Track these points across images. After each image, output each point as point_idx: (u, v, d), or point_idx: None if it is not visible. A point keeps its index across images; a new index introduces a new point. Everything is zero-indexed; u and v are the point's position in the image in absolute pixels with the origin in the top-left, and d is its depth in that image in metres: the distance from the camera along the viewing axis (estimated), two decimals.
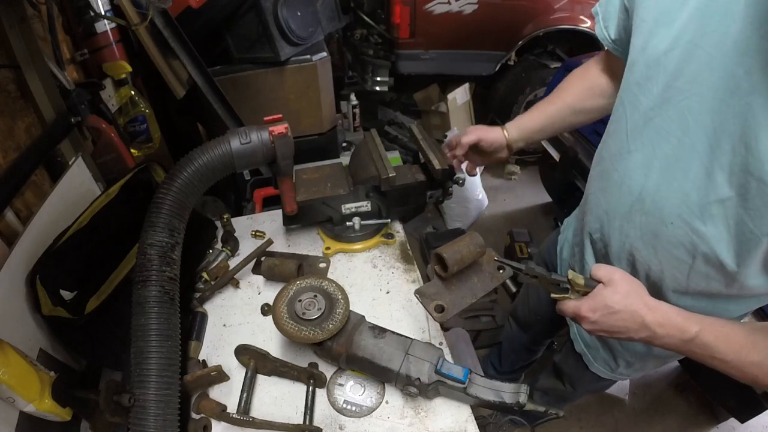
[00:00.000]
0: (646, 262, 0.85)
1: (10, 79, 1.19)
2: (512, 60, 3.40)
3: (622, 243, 0.88)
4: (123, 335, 0.84)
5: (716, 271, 0.75)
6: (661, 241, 0.79)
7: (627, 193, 0.83)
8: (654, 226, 0.79)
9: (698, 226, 0.73)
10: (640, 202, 0.80)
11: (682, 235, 0.75)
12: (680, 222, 0.75)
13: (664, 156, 0.74)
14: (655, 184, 0.77)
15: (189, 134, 2.26)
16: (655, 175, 0.76)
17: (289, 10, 1.81)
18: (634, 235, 0.84)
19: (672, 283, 0.83)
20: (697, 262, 0.77)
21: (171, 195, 0.87)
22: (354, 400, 0.87)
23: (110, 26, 1.70)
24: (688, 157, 0.70)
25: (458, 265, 0.91)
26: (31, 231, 0.96)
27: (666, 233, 0.78)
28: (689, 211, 0.73)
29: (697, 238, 0.74)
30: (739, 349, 0.68)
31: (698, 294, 0.82)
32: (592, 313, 0.74)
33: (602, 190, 0.92)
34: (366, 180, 1.16)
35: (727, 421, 1.96)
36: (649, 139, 0.77)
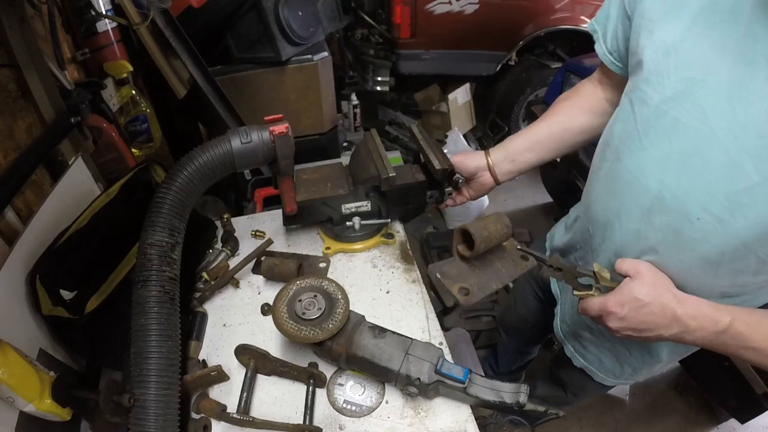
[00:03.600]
0: (666, 266, 0.76)
1: (10, 79, 1.19)
2: (513, 60, 3.41)
3: (641, 248, 0.79)
4: (123, 335, 0.84)
5: (746, 263, 0.69)
6: (686, 240, 0.72)
7: (643, 192, 0.76)
8: (677, 224, 0.72)
9: (727, 217, 0.66)
10: (660, 200, 0.73)
11: (710, 231, 0.68)
12: (707, 216, 0.68)
13: (681, 149, 0.69)
14: (675, 179, 0.70)
15: (190, 134, 2.26)
16: (674, 169, 0.70)
17: (290, 9, 1.81)
18: (655, 237, 0.76)
19: (695, 283, 0.76)
20: (725, 258, 0.69)
21: (171, 194, 0.87)
22: (354, 400, 0.87)
23: (111, 26, 1.70)
24: (708, 147, 0.66)
25: (485, 243, 0.82)
26: (31, 230, 0.96)
27: (691, 230, 0.70)
28: (716, 203, 0.66)
29: (724, 231, 0.67)
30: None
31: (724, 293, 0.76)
32: (620, 307, 0.71)
33: (610, 193, 0.84)
34: (366, 180, 1.16)
35: (728, 421, 1.96)
36: (664, 133, 0.71)
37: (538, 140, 1.05)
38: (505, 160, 1.06)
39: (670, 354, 0.97)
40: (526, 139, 1.06)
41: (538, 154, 1.06)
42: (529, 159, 1.07)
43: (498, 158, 1.07)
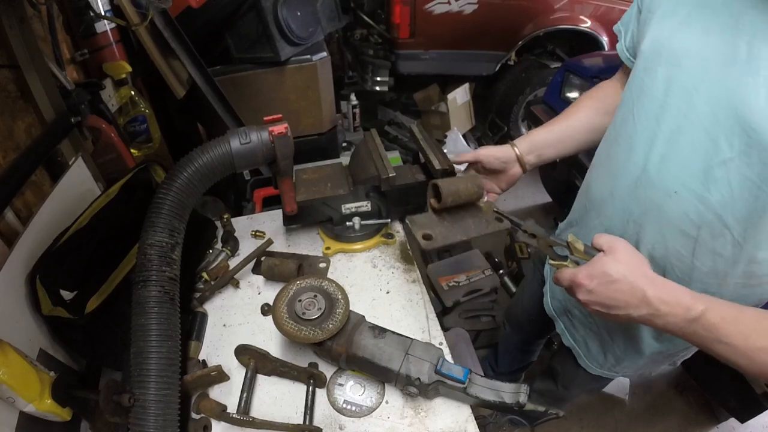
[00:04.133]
0: (651, 242, 0.82)
1: (10, 79, 1.19)
2: (512, 60, 3.41)
3: (626, 222, 0.85)
4: (123, 335, 0.84)
5: (722, 242, 0.72)
6: (666, 214, 0.77)
7: (632, 169, 0.81)
8: (658, 199, 0.77)
9: (702, 191, 0.71)
10: (645, 175, 0.79)
11: (686, 204, 0.73)
12: (684, 190, 0.73)
13: (668, 129, 0.74)
14: (659, 156, 0.76)
15: (189, 134, 2.27)
16: (659, 147, 0.76)
17: (289, 10, 1.81)
18: (639, 211, 0.82)
19: (677, 263, 0.80)
20: (702, 234, 0.74)
21: (171, 195, 0.87)
22: (354, 400, 0.87)
23: (110, 26, 1.70)
24: (690, 127, 0.71)
25: (453, 197, 0.90)
26: (31, 231, 0.96)
27: (670, 205, 0.76)
28: (693, 177, 0.71)
29: (701, 205, 0.72)
30: (749, 333, 0.63)
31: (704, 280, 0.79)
32: (588, 280, 0.71)
33: (607, 173, 0.91)
34: (366, 180, 1.16)
35: (727, 421, 1.96)
36: (653, 115, 0.77)
37: (560, 138, 1.06)
38: (530, 153, 1.07)
39: (652, 348, 0.96)
40: (550, 135, 1.07)
41: (558, 150, 1.08)
42: (550, 155, 1.09)
43: (524, 150, 1.06)
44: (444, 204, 0.90)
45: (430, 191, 0.92)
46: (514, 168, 1.08)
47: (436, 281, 2.10)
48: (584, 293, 0.73)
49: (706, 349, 0.68)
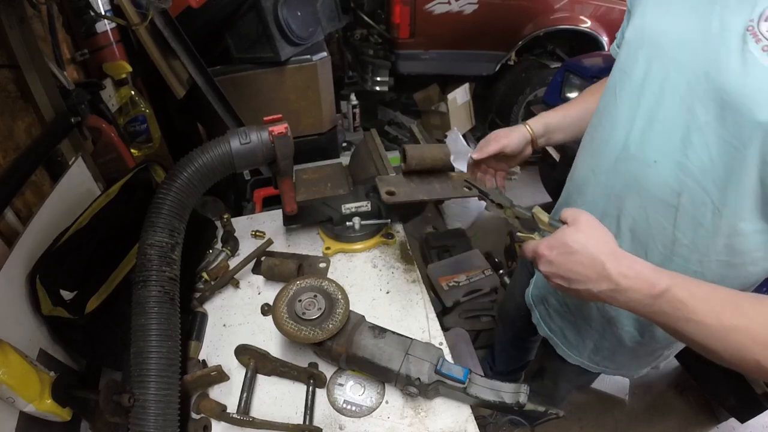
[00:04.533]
0: (632, 215, 0.83)
1: (10, 79, 1.19)
2: (512, 60, 3.41)
3: (608, 198, 0.87)
4: (123, 335, 0.84)
5: (703, 210, 0.72)
6: (646, 184, 0.78)
7: (613, 146, 0.83)
8: (638, 170, 0.79)
9: (681, 158, 0.72)
10: (626, 149, 0.81)
11: (666, 172, 0.75)
12: (664, 159, 0.75)
13: (648, 106, 0.76)
14: (639, 131, 0.78)
15: (189, 134, 2.27)
16: (639, 123, 0.78)
17: (289, 10, 1.81)
18: (620, 185, 0.84)
19: (659, 236, 0.80)
20: (682, 202, 0.74)
21: (171, 195, 0.87)
22: (354, 400, 0.87)
23: (110, 26, 1.70)
24: (669, 101, 0.73)
25: (417, 161, 0.98)
26: (31, 231, 0.96)
27: (650, 175, 0.77)
28: (671, 145, 0.73)
29: (681, 172, 0.73)
30: (721, 311, 0.58)
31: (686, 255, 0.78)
32: (549, 250, 0.70)
33: (590, 154, 0.93)
34: (366, 180, 1.16)
35: (727, 421, 1.96)
36: (633, 94, 0.79)
37: (571, 123, 1.07)
38: (543, 135, 1.07)
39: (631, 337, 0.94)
40: (563, 119, 1.08)
41: (566, 135, 1.09)
42: (558, 138, 1.10)
43: (539, 132, 1.06)
44: (409, 166, 0.97)
45: (402, 155, 0.99)
46: (527, 149, 1.08)
47: (436, 281, 2.10)
48: (545, 264, 0.71)
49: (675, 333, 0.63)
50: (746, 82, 0.62)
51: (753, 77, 0.61)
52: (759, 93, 0.61)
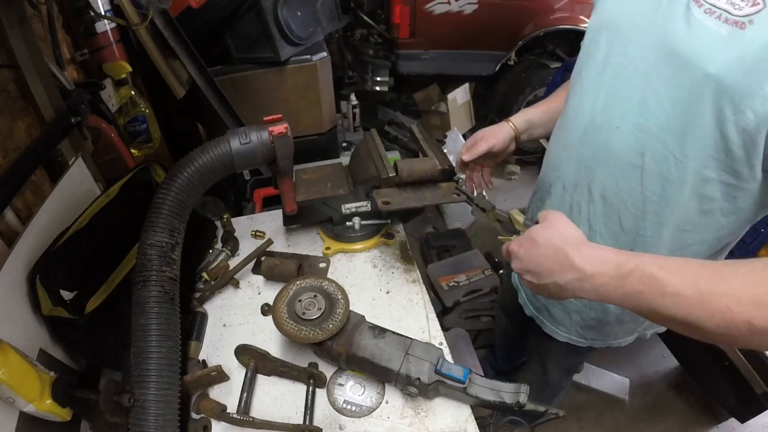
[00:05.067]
0: (602, 182, 0.88)
1: (10, 79, 1.19)
2: (512, 60, 3.40)
3: (579, 169, 0.92)
4: (123, 335, 0.84)
5: (666, 166, 0.77)
6: (612, 149, 0.83)
7: (580, 120, 0.89)
8: (604, 137, 0.84)
9: (640, 121, 0.78)
10: (593, 123, 0.86)
11: (629, 136, 0.80)
12: (624, 123, 0.80)
13: (609, 81, 0.82)
14: (602, 102, 0.84)
15: (189, 134, 2.26)
16: (602, 98, 0.84)
17: (289, 10, 1.81)
18: (588, 155, 0.89)
19: (629, 198, 0.84)
20: (646, 161, 0.79)
21: (171, 195, 0.87)
22: (354, 400, 0.87)
23: (110, 26, 1.70)
24: (627, 73, 0.79)
25: (408, 173, 1.07)
26: (31, 231, 0.96)
27: (615, 140, 0.82)
28: (630, 110, 0.79)
29: (641, 134, 0.78)
30: (696, 278, 0.55)
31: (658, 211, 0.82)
32: (518, 247, 0.72)
33: (561, 130, 0.99)
34: (366, 180, 1.16)
35: (727, 421, 1.96)
36: (597, 73, 0.85)
37: (551, 117, 1.11)
38: (526, 131, 1.14)
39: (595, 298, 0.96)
40: (544, 114, 1.14)
41: (546, 129, 1.14)
42: (539, 134, 1.16)
43: (521, 129, 1.14)
44: (401, 179, 1.07)
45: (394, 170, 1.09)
46: (512, 145, 1.15)
47: (436, 281, 2.10)
48: (515, 260, 0.73)
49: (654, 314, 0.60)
50: (692, 42, 0.68)
51: (697, 37, 0.67)
52: (705, 49, 0.66)
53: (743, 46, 0.62)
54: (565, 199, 0.97)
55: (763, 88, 0.61)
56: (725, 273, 0.55)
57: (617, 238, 0.90)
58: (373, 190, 1.09)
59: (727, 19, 0.64)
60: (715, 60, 0.65)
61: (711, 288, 0.54)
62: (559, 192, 1.00)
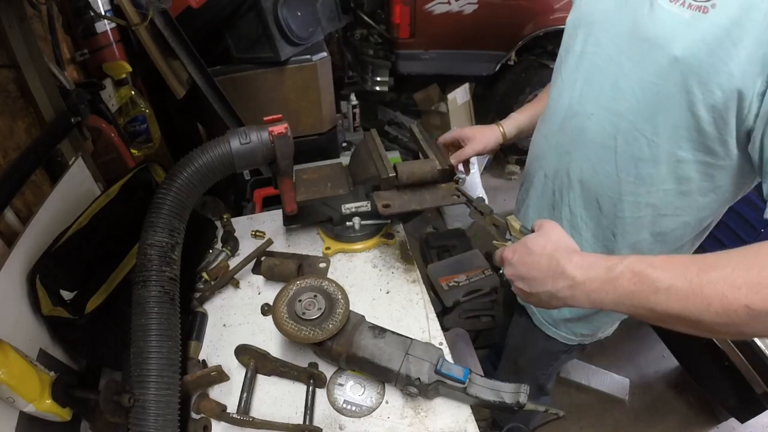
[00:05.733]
0: (579, 166, 0.92)
1: (10, 79, 1.19)
2: (512, 60, 3.40)
3: (558, 156, 0.96)
4: (123, 335, 0.84)
5: (638, 146, 0.80)
6: (587, 133, 0.87)
7: (559, 109, 0.93)
8: (581, 123, 0.88)
9: (612, 104, 0.82)
10: (570, 110, 0.90)
11: (602, 120, 0.84)
12: (599, 108, 0.84)
13: (585, 72, 0.87)
14: (578, 91, 0.88)
15: (189, 134, 2.26)
16: (579, 84, 0.88)
17: (289, 10, 1.81)
18: (567, 141, 0.93)
19: (605, 180, 0.88)
20: (619, 143, 0.83)
21: (171, 195, 0.87)
22: (354, 400, 0.87)
23: (110, 26, 1.70)
24: (600, 61, 0.83)
25: (407, 176, 1.08)
26: (31, 231, 0.96)
27: (590, 125, 0.86)
28: (604, 95, 0.83)
29: (614, 116, 0.82)
30: (685, 270, 0.55)
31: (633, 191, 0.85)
32: (511, 253, 0.73)
33: (542, 121, 1.05)
34: (366, 180, 1.16)
35: (727, 421, 1.96)
36: (574, 65, 0.90)
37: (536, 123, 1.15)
38: (515, 136, 1.20)
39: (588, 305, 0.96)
40: (533, 118, 1.17)
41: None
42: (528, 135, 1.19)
43: (511, 134, 1.20)
44: (401, 181, 1.08)
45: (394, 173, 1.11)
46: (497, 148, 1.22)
47: (436, 281, 2.10)
48: (508, 267, 0.74)
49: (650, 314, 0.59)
50: (657, 26, 0.72)
51: (661, 22, 0.71)
52: (669, 33, 0.70)
53: (706, 28, 0.66)
54: (548, 186, 1.02)
55: (728, 65, 0.64)
56: (716, 261, 0.54)
57: (598, 221, 0.94)
58: (373, 191, 1.09)
59: (690, 4, 0.67)
60: (679, 42, 0.68)
61: (703, 278, 0.53)
62: (541, 180, 1.04)
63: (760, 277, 0.49)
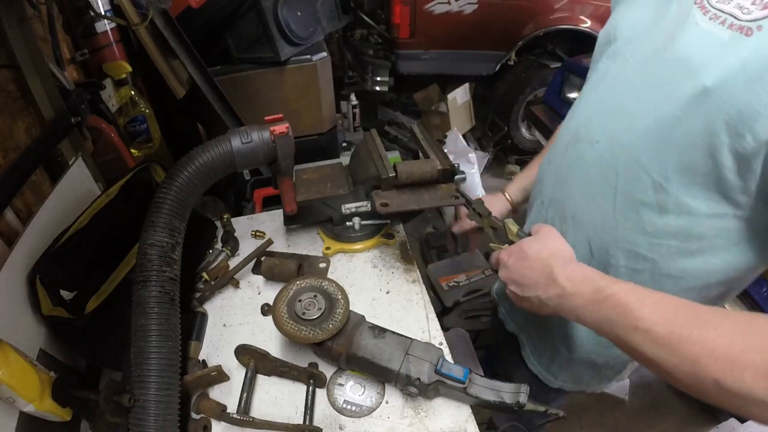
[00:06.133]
0: (575, 198, 0.80)
1: (10, 79, 1.19)
2: (512, 60, 3.41)
3: (555, 183, 0.87)
4: (123, 335, 0.84)
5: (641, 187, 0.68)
6: (587, 163, 0.76)
7: (567, 131, 0.84)
8: (582, 151, 0.78)
9: (615, 132, 0.71)
10: (576, 134, 0.80)
11: (603, 149, 0.73)
12: (604, 138, 0.73)
13: (602, 93, 0.77)
14: (589, 114, 0.79)
15: (189, 134, 2.27)
16: (592, 107, 0.79)
17: (289, 10, 1.81)
18: (566, 167, 0.82)
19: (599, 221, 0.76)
20: (620, 182, 0.71)
21: (171, 194, 0.87)
22: (354, 400, 0.87)
23: (110, 26, 1.70)
24: (619, 84, 0.73)
25: (407, 175, 1.07)
26: (31, 231, 0.96)
27: (592, 154, 0.75)
28: (612, 122, 0.72)
29: (616, 147, 0.71)
30: (672, 318, 0.51)
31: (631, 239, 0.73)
32: (507, 256, 0.73)
33: (552, 144, 0.94)
34: (366, 180, 1.16)
35: (727, 421, 1.96)
36: (595, 86, 0.81)
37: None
38: (523, 201, 1.13)
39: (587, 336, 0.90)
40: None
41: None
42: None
43: (517, 200, 1.13)
44: (400, 181, 1.07)
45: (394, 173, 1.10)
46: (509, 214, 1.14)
47: (436, 281, 2.10)
48: (502, 269, 0.74)
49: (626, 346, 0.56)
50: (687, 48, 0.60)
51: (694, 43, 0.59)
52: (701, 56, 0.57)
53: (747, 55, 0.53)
54: (542, 214, 0.92)
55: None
56: (708, 319, 0.50)
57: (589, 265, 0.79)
58: (372, 191, 1.09)
59: (731, 24, 0.55)
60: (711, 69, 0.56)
61: (685, 332, 0.50)
62: (537, 207, 0.95)
63: (741, 356, 0.46)
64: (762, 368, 0.44)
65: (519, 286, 0.71)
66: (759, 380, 0.44)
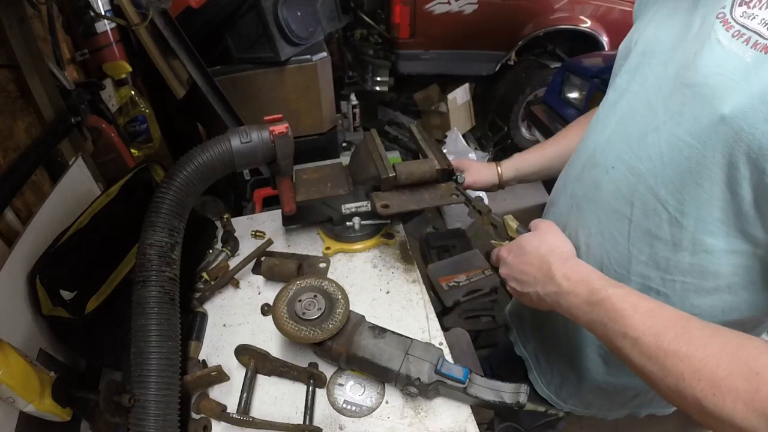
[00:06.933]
0: (588, 226, 0.77)
1: (10, 79, 1.19)
2: (512, 60, 3.41)
3: (570, 208, 0.82)
4: (123, 335, 0.84)
5: (657, 221, 0.64)
6: (602, 191, 0.73)
7: (583, 153, 0.80)
8: (598, 176, 0.74)
9: (633, 161, 0.66)
10: (592, 157, 0.76)
11: (619, 177, 0.69)
12: (619, 163, 0.69)
13: (621, 112, 0.72)
14: (607, 137, 0.74)
15: (189, 134, 2.27)
16: (609, 129, 0.74)
17: (289, 10, 1.81)
18: (580, 193, 0.79)
19: (613, 252, 0.73)
20: (635, 212, 0.67)
21: (171, 194, 0.87)
22: (354, 400, 0.87)
23: (110, 26, 1.70)
24: (639, 104, 0.68)
25: (406, 176, 1.07)
26: (31, 231, 0.96)
27: (607, 181, 0.71)
28: (629, 150, 0.67)
29: (632, 176, 0.66)
30: (662, 331, 0.51)
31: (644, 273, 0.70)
32: (507, 252, 0.73)
33: (569, 163, 0.89)
34: (366, 180, 1.16)
35: None
36: (612, 103, 0.75)
37: (548, 165, 1.09)
38: (514, 178, 1.12)
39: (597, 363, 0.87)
40: (538, 161, 1.10)
41: (541, 175, 1.12)
42: (532, 179, 1.14)
43: (509, 175, 1.12)
44: (399, 181, 1.07)
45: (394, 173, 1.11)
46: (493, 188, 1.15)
47: (436, 281, 2.10)
48: (502, 266, 0.74)
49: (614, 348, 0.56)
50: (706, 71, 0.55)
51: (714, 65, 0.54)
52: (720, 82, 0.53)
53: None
54: None
55: None
56: (695, 336, 0.49)
57: None
58: (373, 191, 1.09)
59: (756, 42, 0.50)
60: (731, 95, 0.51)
61: (673, 347, 0.49)
62: None
63: (725, 381, 0.45)
64: (743, 396, 0.44)
65: (518, 282, 0.71)
66: (739, 407, 0.44)
